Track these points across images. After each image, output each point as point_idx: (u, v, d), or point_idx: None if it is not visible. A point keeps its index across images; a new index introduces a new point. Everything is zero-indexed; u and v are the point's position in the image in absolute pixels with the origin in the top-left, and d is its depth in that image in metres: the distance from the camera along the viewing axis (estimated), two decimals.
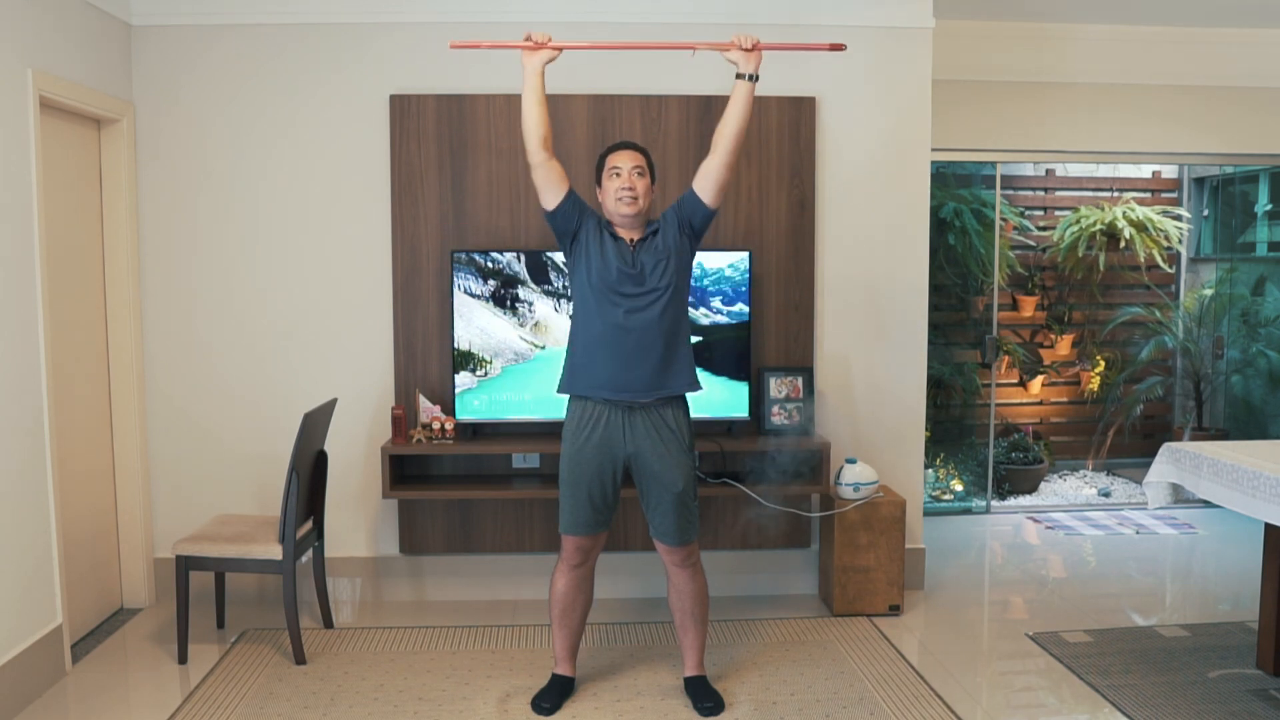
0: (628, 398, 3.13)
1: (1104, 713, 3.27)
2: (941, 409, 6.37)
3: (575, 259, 3.19)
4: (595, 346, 3.14)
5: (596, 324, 3.14)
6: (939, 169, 6.08)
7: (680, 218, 3.20)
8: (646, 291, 3.13)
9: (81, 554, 3.89)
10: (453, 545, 4.34)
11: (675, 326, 3.18)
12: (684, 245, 3.20)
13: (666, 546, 3.24)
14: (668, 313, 3.14)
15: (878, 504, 4.12)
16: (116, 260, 4.11)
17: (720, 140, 3.13)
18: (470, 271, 4.10)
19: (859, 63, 4.29)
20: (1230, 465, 3.20)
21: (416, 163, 4.21)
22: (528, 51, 3.13)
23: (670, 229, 3.19)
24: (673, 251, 3.17)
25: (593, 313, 3.15)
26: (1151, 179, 6.82)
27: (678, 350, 3.18)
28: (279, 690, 3.43)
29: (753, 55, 3.13)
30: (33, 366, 3.44)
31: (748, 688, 3.44)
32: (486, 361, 4.11)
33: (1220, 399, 6.60)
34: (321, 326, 4.28)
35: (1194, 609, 4.32)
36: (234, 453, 4.29)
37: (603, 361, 3.13)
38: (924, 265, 4.41)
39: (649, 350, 3.12)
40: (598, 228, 3.19)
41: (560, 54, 3.15)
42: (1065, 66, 5.29)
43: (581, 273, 3.17)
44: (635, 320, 3.11)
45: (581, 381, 3.18)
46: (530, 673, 3.56)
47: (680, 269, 3.18)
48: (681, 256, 3.19)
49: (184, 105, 4.19)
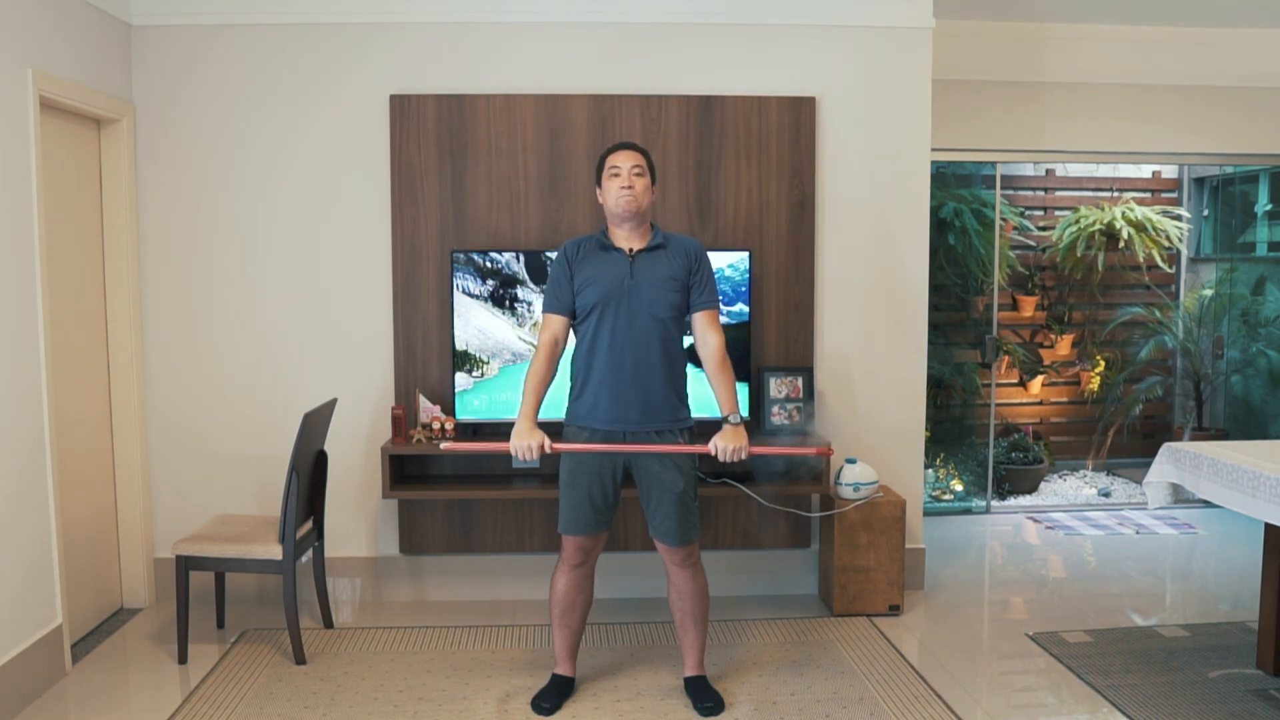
0: (622, 428, 3.15)
1: (1104, 713, 3.27)
2: (941, 409, 6.37)
3: (578, 290, 3.19)
4: (595, 377, 3.16)
5: (596, 349, 3.15)
6: (939, 169, 6.08)
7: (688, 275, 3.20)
8: (641, 306, 3.14)
9: (81, 554, 3.89)
10: (453, 545, 4.34)
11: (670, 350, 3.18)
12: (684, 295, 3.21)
13: (667, 547, 3.24)
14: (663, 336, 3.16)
15: (878, 504, 4.12)
16: (116, 260, 4.11)
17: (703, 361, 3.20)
18: (469, 271, 4.10)
19: (859, 63, 4.29)
20: (1230, 465, 3.20)
21: (416, 163, 4.21)
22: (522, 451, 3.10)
23: (681, 268, 3.19)
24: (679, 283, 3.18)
25: (590, 334, 3.16)
26: (1151, 179, 6.82)
27: (674, 379, 3.20)
28: (279, 690, 3.43)
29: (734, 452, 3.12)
30: (33, 367, 3.44)
31: (748, 688, 3.44)
32: (483, 362, 4.11)
33: (1220, 399, 6.60)
34: (322, 326, 4.28)
35: (1194, 609, 4.32)
36: (234, 453, 4.29)
37: (601, 393, 3.15)
38: (924, 265, 4.41)
39: (647, 372, 3.14)
40: (588, 251, 3.20)
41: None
42: (1065, 66, 5.29)
43: (583, 296, 3.17)
44: (633, 333, 3.12)
45: (583, 415, 3.20)
46: (530, 673, 3.56)
47: (678, 305, 3.19)
48: (681, 295, 3.20)
49: (184, 105, 4.19)
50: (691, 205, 4.25)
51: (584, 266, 3.18)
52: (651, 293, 3.14)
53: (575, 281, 3.18)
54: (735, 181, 4.26)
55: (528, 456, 3.06)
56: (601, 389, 3.15)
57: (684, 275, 3.19)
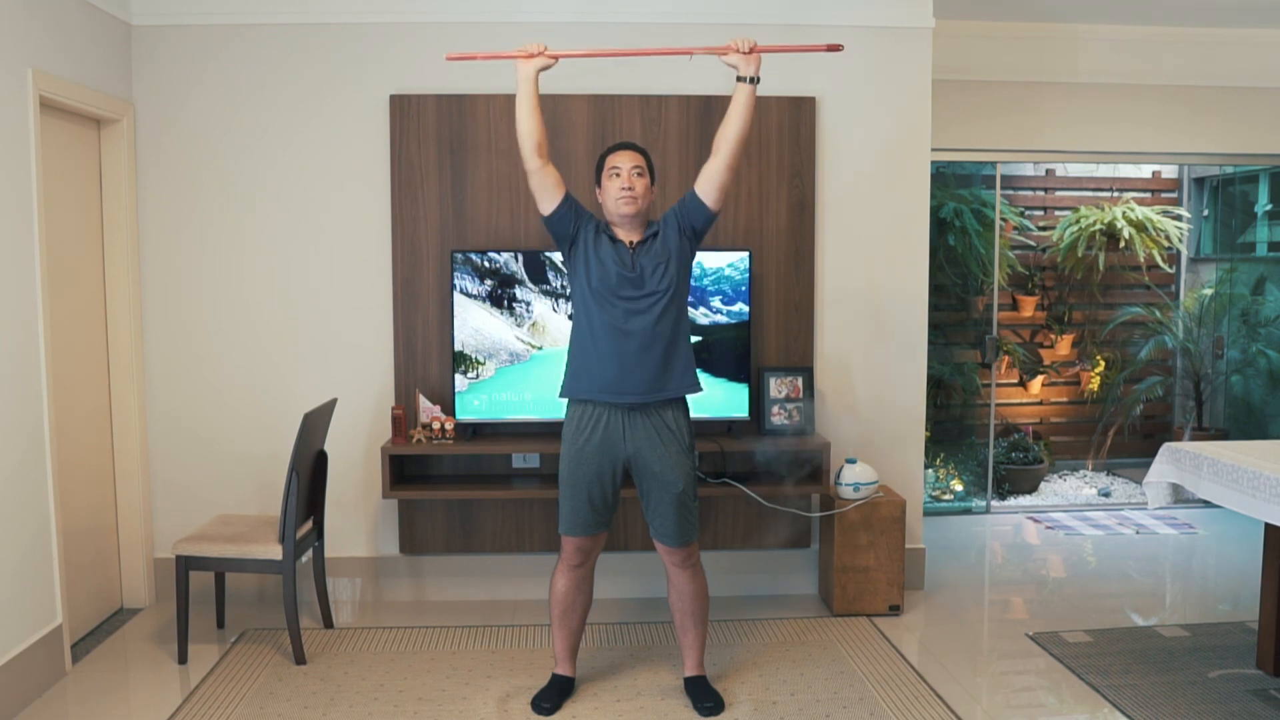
0: (628, 400, 3.13)
1: (1104, 713, 3.27)
2: (941, 409, 6.37)
3: (574, 262, 3.19)
4: (595, 350, 3.14)
5: (596, 327, 3.14)
6: (939, 169, 6.08)
7: (681, 220, 3.20)
8: (646, 294, 3.12)
9: (81, 554, 3.89)
10: (453, 545, 4.34)
11: (675, 329, 3.17)
12: (684, 247, 3.20)
13: (667, 547, 3.24)
14: (667, 315, 3.14)
15: (878, 504, 4.12)
16: (116, 260, 4.11)
17: (722, 143, 3.13)
18: (467, 271, 4.10)
19: (859, 63, 4.29)
20: (1230, 465, 3.20)
21: (416, 163, 4.21)
22: (522, 59, 3.12)
23: (671, 231, 3.19)
24: (673, 254, 3.17)
25: (593, 316, 3.15)
26: (1151, 179, 6.82)
27: (678, 352, 3.18)
28: (279, 690, 3.43)
29: (752, 57, 3.11)
30: (33, 366, 3.44)
31: (748, 688, 3.44)
32: (479, 363, 4.10)
33: (1220, 399, 6.60)
34: (321, 326, 4.28)
35: (1194, 609, 4.32)
36: (234, 453, 4.29)
37: (603, 365, 3.13)
38: (924, 265, 4.41)
39: (649, 352, 3.12)
40: (596, 231, 3.19)
41: (556, 62, 3.14)
42: (1065, 66, 5.29)
43: (580, 276, 3.17)
44: (635, 323, 3.12)
45: (583, 385, 3.18)
46: (530, 673, 3.56)
47: (680, 271, 3.18)
48: (682, 258, 3.19)
49: (184, 105, 4.19)
50: None
51: (594, 243, 3.17)
52: (654, 276, 3.13)
53: (581, 239, 3.17)
54: (735, 181, 4.25)
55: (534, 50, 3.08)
56: (605, 364, 3.12)
57: (677, 229, 3.19)
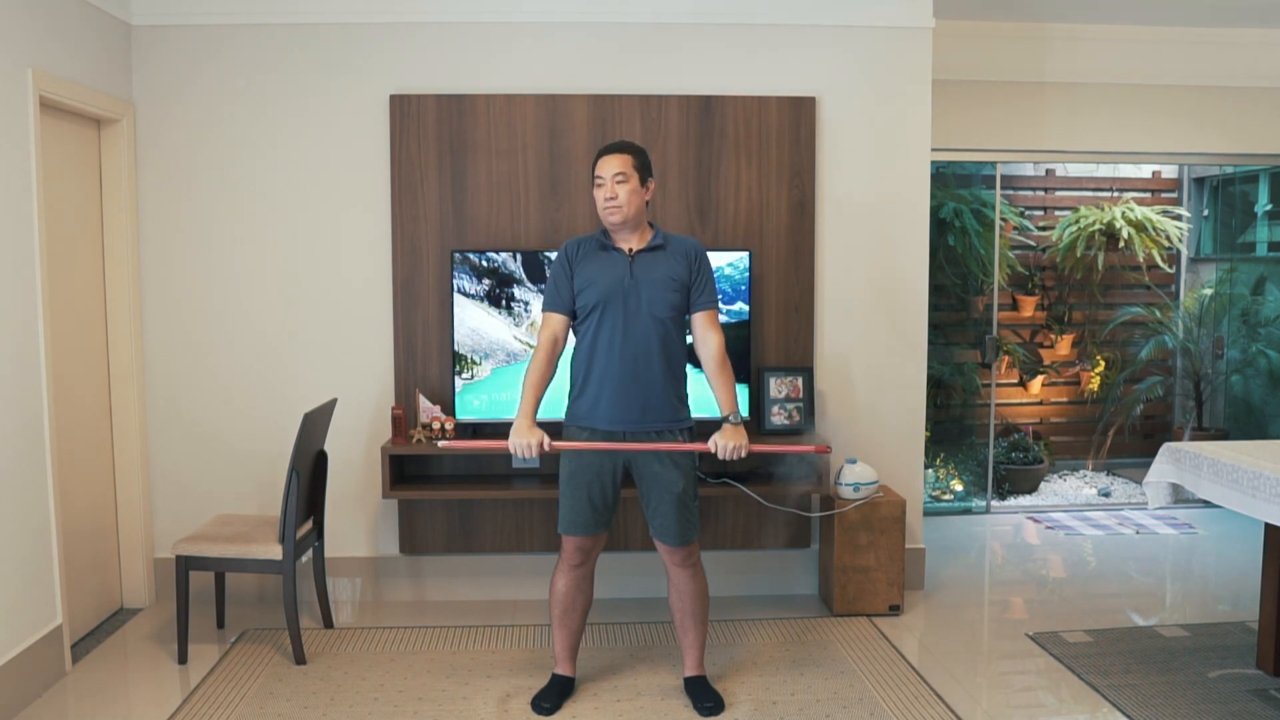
0: (622, 428, 3.15)
1: (1104, 713, 3.27)
2: (941, 409, 6.37)
3: (579, 290, 3.18)
4: (595, 376, 3.15)
5: (595, 349, 3.15)
6: (939, 169, 6.08)
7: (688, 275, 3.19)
8: (641, 306, 3.13)
9: (81, 554, 3.89)
10: (453, 545, 4.34)
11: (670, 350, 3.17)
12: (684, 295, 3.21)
13: (667, 547, 3.24)
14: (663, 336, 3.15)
15: (878, 504, 4.12)
16: (116, 260, 4.11)
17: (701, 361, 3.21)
18: (464, 270, 4.09)
19: (859, 62, 4.29)
20: (1230, 465, 3.20)
21: (416, 163, 4.20)
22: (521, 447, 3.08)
23: (681, 268, 3.18)
24: (679, 283, 3.17)
25: (590, 334, 3.16)
26: (1151, 179, 6.82)
27: (674, 379, 3.20)
28: (279, 690, 3.43)
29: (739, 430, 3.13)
30: (33, 366, 3.44)
31: (748, 688, 3.44)
32: (474, 363, 4.10)
33: (1220, 399, 6.60)
34: (322, 326, 4.28)
35: (1194, 609, 4.32)
36: (234, 453, 4.29)
37: (601, 393, 3.14)
38: (924, 265, 4.41)
39: (647, 372, 3.13)
40: (588, 250, 3.19)
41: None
42: (1065, 66, 5.29)
43: (583, 297, 3.17)
44: (633, 333, 3.12)
45: (583, 414, 3.19)
46: (530, 673, 3.56)
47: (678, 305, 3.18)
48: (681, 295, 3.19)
49: (184, 105, 4.19)
50: (691, 205, 4.25)
51: (584, 266, 3.17)
52: (651, 293, 3.13)
53: (575, 281, 3.17)
54: (735, 181, 4.26)
55: (527, 454, 3.05)
56: (601, 389, 3.14)
57: (684, 275, 3.18)
